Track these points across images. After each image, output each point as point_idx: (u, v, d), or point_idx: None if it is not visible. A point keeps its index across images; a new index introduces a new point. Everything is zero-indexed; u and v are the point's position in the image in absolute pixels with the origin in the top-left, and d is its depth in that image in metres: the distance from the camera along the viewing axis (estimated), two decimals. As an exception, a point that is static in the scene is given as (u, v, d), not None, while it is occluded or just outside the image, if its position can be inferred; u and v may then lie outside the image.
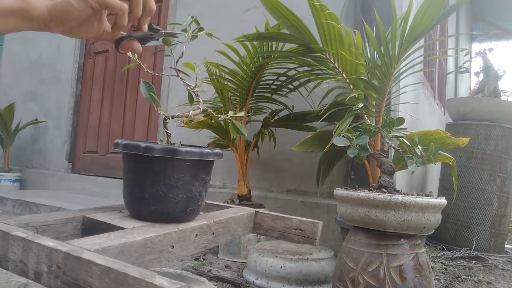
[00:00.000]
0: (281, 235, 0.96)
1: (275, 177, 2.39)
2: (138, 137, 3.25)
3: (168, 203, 0.79)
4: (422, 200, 1.07)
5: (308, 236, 0.93)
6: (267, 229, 0.97)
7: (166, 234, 0.71)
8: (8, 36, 4.50)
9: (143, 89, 0.83)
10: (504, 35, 6.26)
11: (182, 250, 0.76)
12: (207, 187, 0.86)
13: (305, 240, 0.93)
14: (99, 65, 3.65)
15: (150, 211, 0.80)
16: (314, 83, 1.88)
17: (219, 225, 0.86)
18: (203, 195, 0.85)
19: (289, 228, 0.95)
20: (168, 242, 0.72)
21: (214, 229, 0.85)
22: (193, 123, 1.93)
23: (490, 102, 2.55)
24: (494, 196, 2.49)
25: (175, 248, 0.74)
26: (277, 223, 0.97)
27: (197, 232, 0.80)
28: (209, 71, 1.98)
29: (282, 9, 1.51)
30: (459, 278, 1.89)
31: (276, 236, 0.97)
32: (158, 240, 0.70)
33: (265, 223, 0.98)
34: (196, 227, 0.80)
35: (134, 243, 0.65)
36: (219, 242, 0.87)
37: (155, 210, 0.79)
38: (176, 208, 0.80)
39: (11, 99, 4.10)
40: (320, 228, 0.94)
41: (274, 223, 0.97)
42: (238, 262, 1.91)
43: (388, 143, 1.28)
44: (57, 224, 0.77)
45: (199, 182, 0.82)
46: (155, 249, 0.69)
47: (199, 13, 2.79)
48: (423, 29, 1.35)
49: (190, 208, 0.82)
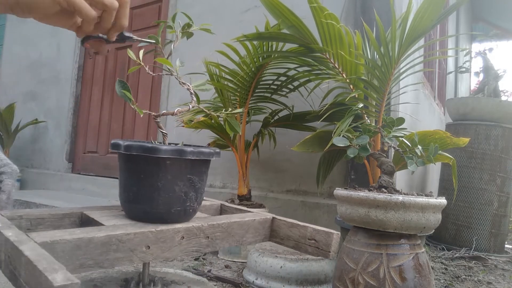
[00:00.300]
0: (296, 245, 0.88)
1: (275, 177, 2.39)
2: (138, 137, 3.25)
3: (149, 203, 0.77)
4: (422, 200, 1.07)
5: (322, 248, 0.85)
6: (283, 238, 0.90)
7: (138, 234, 0.70)
8: (8, 36, 4.50)
9: (117, 87, 0.82)
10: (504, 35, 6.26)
11: (162, 252, 0.74)
12: (197, 188, 0.82)
13: (319, 252, 0.85)
14: (99, 65, 3.66)
15: (136, 209, 0.79)
16: (314, 83, 1.88)
17: (216, 229, 0.82)
18: (192, 196, 0.81)
19: (304, 237, 0.87)
20: (140, 241, 0.71)
21: (209, 233, 0.81)
22: (193, 123, 1.93)
23: (490, 102, 2.55)
24: (494, 196, 2.49)
25: (152, 248, 0.72)
26: (292, 231, 0.89)
27: (183, 235, 0.77)
28: (209, 71, 1.98)
29: (282, 9, 1.51)
30: (459, 278, 1.89)
31: (291, 246, 0.89)
32: (127, 239, 0.69)
33: (281, 231, 0.91)
34: (181, 229, 0.77)
35: (93, 239, 0.65)
36: (217, 247, 0.83)
37: (140, 209, 0.78)
38: (158, 208, 0.78)
39: (11, 99, 4.10)
40: (336, 239, 0.85)
41: (290, 231, 0.90)
42: (238, 262, 1.91)
43: (388, 143, 1.28)
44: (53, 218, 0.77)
45: (183, 182, 0.79)
46: (123, 247, 0.68)
47: (199, 13, 2.79)
48: (423, 29, 1.35)
49: (175, 209, 0.79)
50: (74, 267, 0.64)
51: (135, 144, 0.76)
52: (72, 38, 3.79)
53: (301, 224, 0.88)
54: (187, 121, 1.93)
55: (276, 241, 0.92)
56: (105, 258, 0.67)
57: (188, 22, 0.87)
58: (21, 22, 4.36)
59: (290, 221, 0.91)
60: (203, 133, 2.35)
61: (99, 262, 0.66)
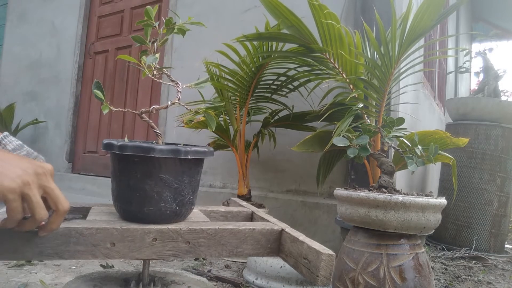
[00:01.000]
0: (295, 264, 0.77)
1: (275, 177, 2.39)
2: (138, 137, 3.25)
3: (124, 201, 0.79)
4: (422, 200, 1.07)
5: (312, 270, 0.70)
6: (287, 254, 0.80)
7: (101, 229, 0.71)
8: (8, 36, 4.50)
9: (93, 87, 0.82)
10: (504, 35, 6.26)
11: (131, 251, 0.73)
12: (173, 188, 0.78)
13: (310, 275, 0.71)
14: (99, 65, 3.66)
15: (117, 208, 0.82)
16: (314, 83, 1.88)
17: (199, 235, 0.76)
18: (167, 197, 0.77)
19: (300, 255, 0.75)
20: (104, 237, 0.71)
21: (190, 238, 0.76)
22: (193, 123, 1.93)
23: (490, 102, 2.55)
24: (494, 196, 2.49)
25: (118, 246, 0.72)
26: (293, 246, 0.78)
27: (155, 236, 0.74)
28: (209, 71, 1.98)
29: (282, 9, 1.51)
30: (459, 278, 1.89)
31: (292, 263, 0.78)
32: (88, 233, 0.70)
33: (286, 245, 0.80)
34: (153, 229, 0.74)
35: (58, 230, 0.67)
36: (202, 255, 0.77)
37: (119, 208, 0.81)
38: (132, 207, 0.78)
39: (11, 99, 4.10)
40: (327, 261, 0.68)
41: (291, 247, 0.79)
42: (238, 262, 1.91)
43: (388, 143, 1.28)
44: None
45: (154, 181, 0.76)
46: (85, 241, 0.70)
47: (199, 13, 2.79)
48: (423, 29, 1.35)
49: (148, 209, 0.76)
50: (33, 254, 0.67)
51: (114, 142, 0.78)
52: (72, 38, 3.79)
53: (300, 240, 0.76)
54: (187, 121, 1.93)
55: (282, 257, 0.83)
56: (65, 249, 0.69)
57: (170, 18, 0.86)
58: (21, 22, 4.37)
59: (292, 235, 0.79)
60: (203, 133, 2.35)
61: (59, 252, 0.69)
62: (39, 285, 1.44)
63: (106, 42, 3.63)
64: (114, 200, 0.83)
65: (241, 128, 2.01)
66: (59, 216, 0.62)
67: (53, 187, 0.61)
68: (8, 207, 0.55)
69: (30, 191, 0.56)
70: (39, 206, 0.58)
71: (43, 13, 4.12)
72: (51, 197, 0.61)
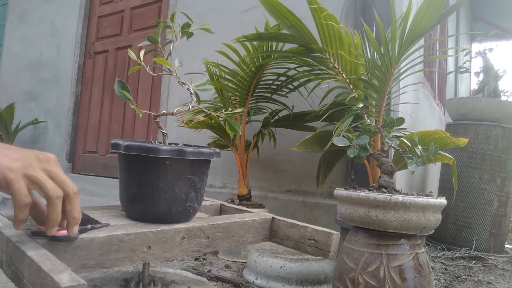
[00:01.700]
0: (295, 245, 0.89)
1: (275, 177, 2.39)
2: (138, 137, 3.25)
3: (151, 203, 0.77)
4: (422, 200, 1.07)
5: (321, 248, 0.86)
6: (283, 238, 0.91)
7: (139, 234, 0.70)
8: (8, 36, 4.50)
9: (116, 87, 0.81)
10: (504, 35, 6.25)
11: (163, 252, 0.74)
12: (197, 188, 0.82)
13: (318, 252, 0.86)
14: (99, 65, 3.66)
15: (135, 210, 0.79)
16: (314, 83, 1.88)
17: (217, 229, 0.83)
18: (192, 197, 0.81)
19: (304, 238, 0.88)
20: (142, 242, 0.71)
21: (210, 233, 0.81)
22: (193, 123, 1.93)
23: (490, 102, 2.55)
24: (494, 196, 2.49)
25: (153, 249, 0.72)
26: (292, 231, 0.90)
27: (183, 235, 0.77)
28: (209, 71, 1.98)
29: (282, 9, 1.51)
30: (459, 278, 1.89)
31: (291, 246, 0.90)
32: (128, 239, 0.69)
33: (281, 231, 0.92)
34: (182, 229, 0.77)
35: (95, 240, 0.65)
36: (218, 247, 0.83)
37: (139, 210, 0.78)
38: (159, 208, 0.78)
39: (11, 99, 4.10)
40: (336, 239, 0.86)
41: (290, 232, 0.90)
42: (238, 262, 1.91)
43: (388, 143, 1.28)
44: None
45: (183, 182, 0.79)
46: (125, 247, 0.68)
47: (199, 13, 2.79)
48: (422, 29, 1.35)
49: (175, 209, 0.79)
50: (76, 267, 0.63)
51: (135, 144, 0.76)
52: (72, 38, 3.79)
53: (301, 225, 0.89)
54: (187, 121, 1.93)
55: (276, 241, 0.92)
56: (106, 258, 0.66)
57: (187, 22, 0.87)
58: (21, 22, 4.37)
59: (290, 221, 0.91)
60: (203, 133, 2.35)
61: (101, 262, 0.66)
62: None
63: (106, 42, 3.63)
64: (131, 202, 0.81)
65: (241, 128, 2.01)
66: (73, 200, 0.56)
67: (57, 171, 0.56)
68: (12, 190, 0.51)
69: (33, 171, 0.52)
70: (48, 182, 0.53)
71: (43, 13, 4.12)
72: (57, 181, 0.55)
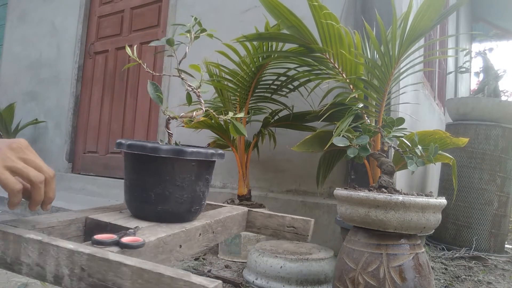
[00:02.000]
0: (274, 233, 0.98)
1: (275, 177, 2.39)
2: (138, 137, 3.25)
3: (174, 203, 0.79)
4: (422, 200, 1.07)
5: (300, 233, 0.97)
6: (260, 227, 1.00)
7: (175, 234, 0.72)
8: (8, 36, 4.50)
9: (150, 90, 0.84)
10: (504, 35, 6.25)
11: (188, 249, 0.76)
12: (209, 186, 0.87)
13: (298, 237, 0.97)
14: (99, 65, 3.66)
15: (155, 211, 0.80)
16: (314, 83, 1.88)
17: (218, 224, 0.88)
18: (206, 195, 0.86)
19: (282, 226, 0.98)
20: (177, 241, 0.73)
21: (214, 228, 0.86)
22: (193, 123, 1.93)
23: (490, 102, 2.55)
24: (494, 196, 2.49)
25: (183, 247, 0.74)
26: (270, 221, 0.99)
27: (200, 231, 0.81)
28: (209, 71, 1.98)
29: (282, 9, 1.51)
30: (459, 278, 1.89)
31: (269, 234, 0.99)
32: (169, 240, 0.70)
33: (258, 221, 1.00)
34: (199, 226, 0.80)
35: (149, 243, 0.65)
36: (218, 240, 0.88)
37: (161, 210, 0.79)
38: (181, 208, 0.80)
39: (11, 99, 4.10)
40: (312, 225, 0.98)
41: (267, 221, 1.00)
42: (238, 262, 1.91)
43: (388, 143, 1.28)
44: (61, 225, 0.76)
45: (202, 182, 0.83)
46: (166, 248, 0.70)
47: (200, 13, 2.79)
48: (423, 29, 1.35)
49: (194, 208, 0.83)
50: None
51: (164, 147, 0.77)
52: (72, 38, 3.79)
53: (279, 215, 0.99)
54: (187, 121, 1.93)
55: (253, 231, 1.00)
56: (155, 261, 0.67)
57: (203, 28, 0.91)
58: (21, 22, 4.37)
59: (267, 213, 1.00)
60: (203, 133, 2.35)
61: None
62: (39, 284, 1.44)
63: (106, 42, 3.63)
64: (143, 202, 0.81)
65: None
66: (49, 183, 0.62)
67: (32, 158, 0.61)
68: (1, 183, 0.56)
69: (12, 162, 0.57)
70: (29, 169, 0.59)
71: (43, 13, 4.12)
72: (34, 167, 0.60)
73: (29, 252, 0.56)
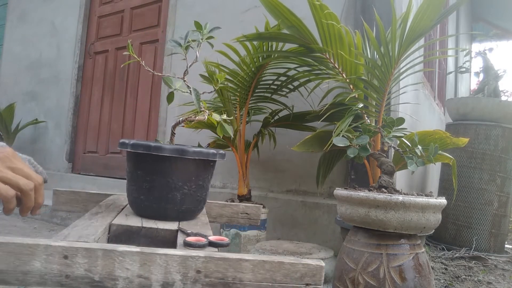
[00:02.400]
0: (229, 220, 1.10)
1: (275, 177, 2.39)
2: (138, 137, 3.25)
3: (188, 202, 0.85)
4: (422, 200, 1.07)
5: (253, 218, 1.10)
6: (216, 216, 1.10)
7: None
8: (8, 36, 4.50)
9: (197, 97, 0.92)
10: (504, 35, 6.25)
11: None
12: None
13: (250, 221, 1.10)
14: (99, 65, 3.66)
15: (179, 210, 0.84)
16: (314, 83, 1.88)
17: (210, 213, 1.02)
18: (208, 193, 0.92)
19: (236, 213, 1.10)
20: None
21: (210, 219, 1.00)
22: (193, 123, 1.92)
23: (490, 102, 2.55)
24: (494, 196, 2.49)
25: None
26: (225, 210, 1.10)
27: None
28: (209, 71, 1.98)
29: (282, 9, 1.51)
30: (459, 278, 1.89)
31: (224, 221, 1.10)
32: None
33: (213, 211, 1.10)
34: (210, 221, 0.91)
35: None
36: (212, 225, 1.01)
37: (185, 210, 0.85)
38: (199, 206, 0.87)
39: (11, 99, 4.10)
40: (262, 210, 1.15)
41: (222, 210, 1.10)
42: (238, 262, 1.91)
43: (388, 143, 1.28)
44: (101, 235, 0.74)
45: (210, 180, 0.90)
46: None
47: (200, 13, 2.79)
48: (422, 29, 1.35)
49: (201, 206, 0.89)
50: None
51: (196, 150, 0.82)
52: (72, 38, 3.79)
53: (234, 204, 1.11)
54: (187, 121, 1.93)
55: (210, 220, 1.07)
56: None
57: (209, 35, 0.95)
58: (21, 22, 4.37)
59: (222, 203, 1.11)
60: (203, 133, 2.35)
61: None
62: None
63: (106, 42, 3.63)
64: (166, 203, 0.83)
65: (241, 128, 2.01)
66: (38, 190, 0.64)
67: (20, 166, 0.63)
68: None
69: (1, 173, 0.59)
70: (18, 178, 0.60)
71: (43, 13, 4.12)
72: (23, 175, 0.62)
73: (126, 266, 0.54)
